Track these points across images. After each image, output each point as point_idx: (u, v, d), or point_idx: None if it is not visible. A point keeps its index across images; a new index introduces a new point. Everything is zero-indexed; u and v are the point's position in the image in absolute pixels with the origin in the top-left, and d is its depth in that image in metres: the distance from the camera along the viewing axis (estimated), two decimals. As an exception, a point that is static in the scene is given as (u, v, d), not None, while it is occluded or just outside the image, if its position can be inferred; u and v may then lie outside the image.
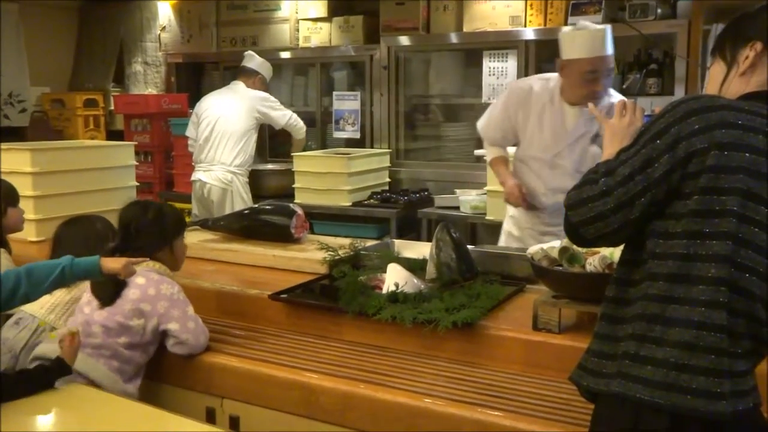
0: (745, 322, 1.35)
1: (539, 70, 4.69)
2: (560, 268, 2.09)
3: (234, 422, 2.20)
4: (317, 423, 2.05)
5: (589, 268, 2.04)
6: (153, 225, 2.36)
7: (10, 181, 2.84)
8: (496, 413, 1.84)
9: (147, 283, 2.28)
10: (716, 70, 1.57)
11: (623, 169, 1.42)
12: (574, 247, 2.13)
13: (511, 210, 3.33)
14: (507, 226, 3.38)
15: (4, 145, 3.71)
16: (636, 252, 1.45)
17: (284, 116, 4.98)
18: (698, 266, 1.35)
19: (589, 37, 2.90)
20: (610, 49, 2.93)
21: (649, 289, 1.39)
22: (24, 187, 3.38)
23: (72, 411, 1.89)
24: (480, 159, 4.45)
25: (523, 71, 4.68)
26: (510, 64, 4.76)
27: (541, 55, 4.71)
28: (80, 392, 1.99)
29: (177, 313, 2.28)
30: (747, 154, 1.34)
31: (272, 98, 5.01)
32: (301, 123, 5.05)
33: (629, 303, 1.44)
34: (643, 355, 1.37)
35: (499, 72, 4.80)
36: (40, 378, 1.97)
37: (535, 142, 3.13)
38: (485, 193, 4.29)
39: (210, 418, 2.23)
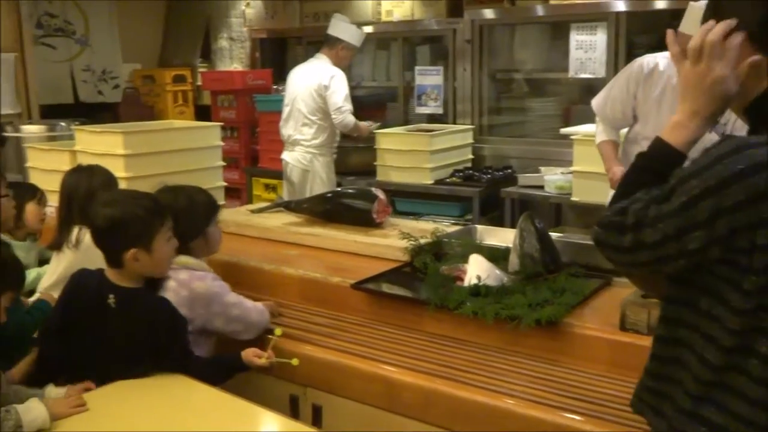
0: None
1: (630, 44, 4.52)
2: (650, 267, 2.01)
3: (317, 411, 2.24)
4: (399, 417, 2.06)
5: (680, 268, 1.96)
6: (186, 213, 2.28)
7: (105, 166, 2.94)
8: (578, 418, 1.80)
9: (178, 286, 2.22)
10: (756, 60, 1.23)
11: None
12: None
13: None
14: None
15: (99, 128, 3.85)
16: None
17: (336, 105, 4.57)
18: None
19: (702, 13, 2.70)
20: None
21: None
22: (117, 169, 3.48)
23: (159, 396, 1.96)
24: (566, 137, 4.33)
25: (613, 45, 4.51)
26: (599, 38, 4.59)
27: (632, 27, 4.52)
28: (169, 380, 2.05)
29: (217, 309, 2.25)
30: None
31: (341, 79, 4.61)
32: (348, 121, 4.62)
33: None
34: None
35: (587, 45, 4.63)
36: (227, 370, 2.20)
37: (651, 122, 2.99)
38: (571, 173, 4.18)
39: (294, 406, 2.28)
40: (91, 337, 2.03)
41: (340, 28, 4.77)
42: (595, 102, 3.26)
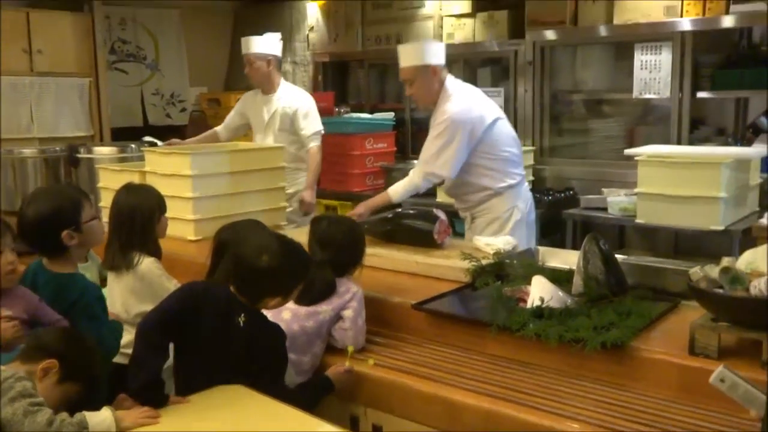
0: None
1: (696, 64, 4.44)
2: (721, 290, 1.96)
3: (377, 431, 2.24)
4: (459, 439, 2.05)
5: (753, 291, 1.90)
6: (350, 245, 2.56)
7: (174, 186, 3.00)
8: (647, 444, 1.76)
9: (338, 281, 2.48)
10: None
11: None
12: (737, 267, 1.99)
13: None
14: None
15: (167, 149, 3.97)
16: None
17: None
18: None
19: (401, 48, 3.65)
20: (405, 62, 3.56)
21: None
22: (185, 189, 3.59)
23: (223, 410, 1.94)
24: (629, 158, 4.26)
25: (678, 64, 4.43)
26: (664, 57, 4.52)
27: (699, 46, 4.44)
28: (233, 392, 2.05)
29: (355, 306, 2.45)
30: None
31: None
32: None
33: None
34: None
35: (651, 66, 4.57)
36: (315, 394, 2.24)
37: None
38: (635, 194, 4.10)
39: (354, 425, 2.28)
40: (213, 353, 2.07)
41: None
42: None
